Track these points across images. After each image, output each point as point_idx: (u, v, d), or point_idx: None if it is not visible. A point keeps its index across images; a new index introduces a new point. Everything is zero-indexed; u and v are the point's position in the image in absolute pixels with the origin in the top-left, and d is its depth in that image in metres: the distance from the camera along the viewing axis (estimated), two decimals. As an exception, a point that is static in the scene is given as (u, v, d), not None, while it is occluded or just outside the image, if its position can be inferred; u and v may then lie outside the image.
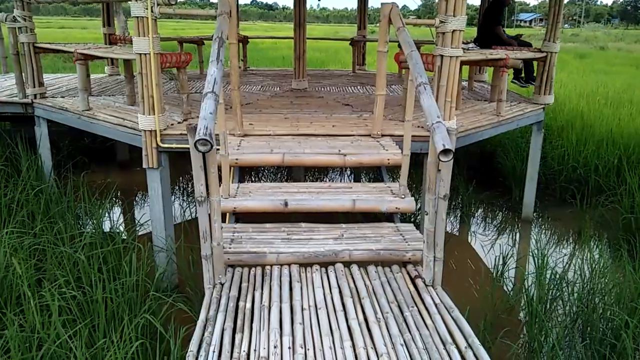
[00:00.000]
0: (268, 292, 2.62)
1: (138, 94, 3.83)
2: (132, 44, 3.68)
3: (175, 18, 8.64)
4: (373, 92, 6.24)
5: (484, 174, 7.17)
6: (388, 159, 3.50)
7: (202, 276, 2.71)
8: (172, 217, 4.18)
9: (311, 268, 2.88)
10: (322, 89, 6.51)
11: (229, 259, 2.87)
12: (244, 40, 8.39)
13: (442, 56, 3.76)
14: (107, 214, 5.35)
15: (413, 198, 3.27)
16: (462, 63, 3.98)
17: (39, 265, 3.49)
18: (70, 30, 32.99)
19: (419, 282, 2.73)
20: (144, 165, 3.98)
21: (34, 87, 5.24)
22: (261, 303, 2.51)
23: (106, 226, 4.72)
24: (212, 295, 2.59)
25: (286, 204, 3.20)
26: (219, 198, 2.59)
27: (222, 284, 2.69)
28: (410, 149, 3.23)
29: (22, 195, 4.39)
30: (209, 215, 2.60)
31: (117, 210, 5.67)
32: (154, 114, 3.82)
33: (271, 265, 2.89)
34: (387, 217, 3.38)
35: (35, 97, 5.30)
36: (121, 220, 5.34)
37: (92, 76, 7.57)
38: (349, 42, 8.68)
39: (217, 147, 3.25)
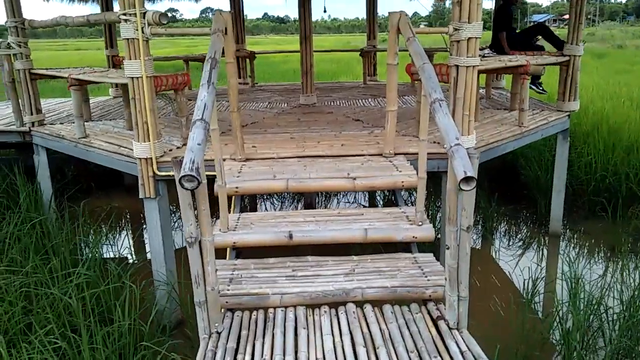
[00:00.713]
0: (270, 341, 2.32)
1: (132, 118, 3.59)
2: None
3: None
4: (385, 106, 5.95)
5: (506, 185, 6.79)
6: (402, 182, 3.18)
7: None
8: (173, 248, 3.92)
9: (319, 310, 2.57)
10: (332, 103, 6.23)
11: (227, 302, 2.57)
12: (250, 56, 8.17)
13: (457, 66, 3.44)
14: (108, 243, 5.11)
15: (431, 225, 2.95)
16: (480, 72, 3.66)
17: (29, 307, 3.24)
18: (86, 51, 33.39)
19: (441, 324, 2.40)
20: (141, 195, 3.73)
21: (32, 114, 5.06)
22: (262, 356, 2.21)
23: (109, 253, 4.48)
24: (207, 347, 2.30)
25: (291, 236, 2.90)
26: (211, 238, 2.30)
27: (219, 333, 2.40)
28: (426, 170, 2.91)
29: (16, 229, 4.17)
30: (202, 258, 2.31)
31: (120, 238, 5.43)
32: (149, 141, 3.57)
33: (274, 308, 2.59)
34: (403, 245, 3.06)
35: (33, 125, 5.12)
36: (124, 247, 5.10)
37: (97, 99, 7.42)
38: (359, 52, 8.41)
39: (210, 174, 2.98)
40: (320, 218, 3.15)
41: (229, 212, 3.21)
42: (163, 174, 3.69)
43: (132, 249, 5.14)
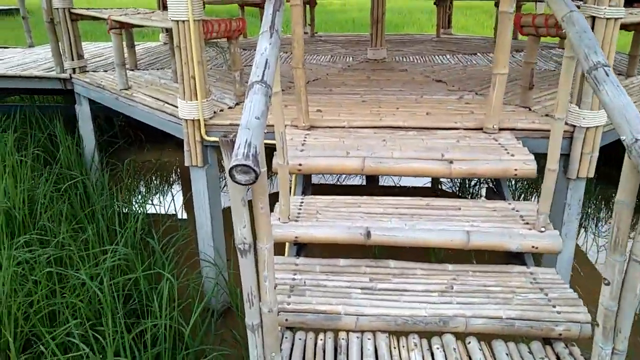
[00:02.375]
0: (344, 384, 1.74)
1: (177, 72, 2.98)
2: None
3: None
4: (468, 64, 5.08)
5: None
6: (515, 170, 2.45)
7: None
8: (222, 223, 3.38)
9: (407, 340, 1.96)
10: (404, 59, 5.42)
11: (286, 320, 2.00)
12: (311, 2, 7.35)
13: (594, 18, 2.60)
14: (152, 203, 4.66)
15: (557, 232, 2.23)
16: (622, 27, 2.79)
17: (55, 288, 2.80)
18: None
19: (579, 380, 1.74)
20: (186, 163, 3.17)
21: (72, 59, 4.55)
22: (334, 410, 1.63)
23: (153, 218, 4.03)
24: (261, 386, 1.74)
25: (368, 235, 2.26)
26: (270, 245, 1.69)
27: (277, 365, 1.83)
28: (557, 160, 2.16)
29: (51, 189, 3.74)
30: (257, 270, 1.72)
31: (166, 200, 4.97)
32: (197, 100, 2.96)
33: (348, 332, 2.00)
34: (513, 252, 2.37)
35: (74, 71, 4.62)
36: (170, 210, 4.63)
37: (146, 45, 6.88)
38: (433, 1, 7.42)
39: (266, 143, 2.36)
40: (404, 210, 2.49)
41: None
42: (212, 139, 3.10)
43: (181, 212, 4.66)
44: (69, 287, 2.77)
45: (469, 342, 1.95)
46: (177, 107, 3.16)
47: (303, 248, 2.48)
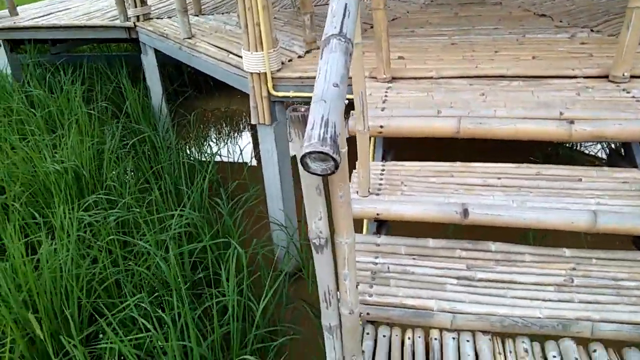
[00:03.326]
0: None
1: (240, 19, 2.64)
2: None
3: None
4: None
5: None
6: (657, 133, 1.94)
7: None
8: (292, 183, 3.11)
9: (514, 343, 1.62)
10: (495, -9, 4.71)
11: (368, 313, 1.71)
12: None
13: None
14: (221, 155, 4.47)
15: None
16: None
17: (121, 252, 2.69)
18: None
19: None
20: (253, 121, 2.89)
21: (135, 6, 4.32)
22: None
23: (222, 172, 3.84)
24: (340, 397, 1.49)
25: (465, 213, 1.89)
26: (352, 239, 1.37)
27: (358, 368, 1.56)
28: None
29: (116, 144, 3.62)
30: (335, 266, 1.42)
31: (236, 151, 4.77)
32: (262, 50, 2.62)
33: (441, 331, 1.68)
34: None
35: (138, 19, 4.41)
36: (239, 163, 4.43)
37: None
38: None
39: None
40: (508, 180, 2.07)
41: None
42: (280, 94, 2.78)
43: (250, 167, 4.45)
44: (134, 254, 2.64)
45: (594, 350, 1.58)
46: (241, 57, 2.85)
47: (383, 224, 2.15)
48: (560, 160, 4.08)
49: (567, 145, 4.37)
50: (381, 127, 2.19)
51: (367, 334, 1.72)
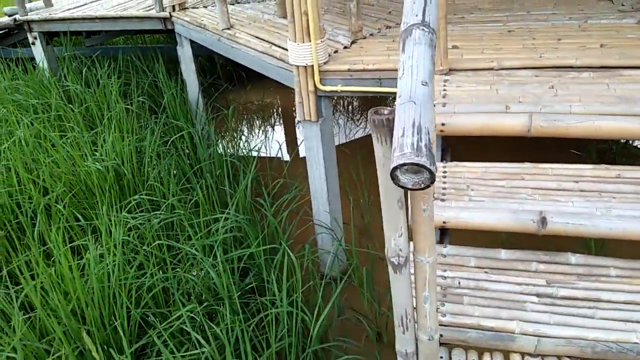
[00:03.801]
0: None
1: (286, 8, 2.49)
2: None
3: None
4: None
5: None
6: None
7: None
8: (338, 185, 2.98)
9: (607, 373, 1.46)
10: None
11: (441, 335, 1.57)
12: None
13: None
14: (261, 152, 4.36)
15: None
16: None
17: (169, 256, 2.61)
18: None
19: None
20: (299, 118, 2.76)
21: (171, -4, 4.21)
22: None
23: (264, 169, 3.73)
24: None
25: (543, 222, 1.72)
26: (434, 258, 1.24)
27: (433, 399, 1.43)
28: None
29: (157, 143, 3.54)
30: (414, 287, 1.29)
31: (271, 146, 4.65)
32: (310, 41, 2.47)
33: (523, 355, 1.54)
34: None
35: (173, 9, 4.30)
36: (280, 159, 4.32)
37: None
38: None
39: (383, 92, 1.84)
40: (586, 184, 1.89)
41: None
42: (328, 88, 2.63)
43: (291, 164, 4.33)
44: (179, 259, 2.56)
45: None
46: (286, 49, 2.71)
47: (445, 232, 2.00)
48: (620, 159, 3.83)
49: (622, 141, 4.11)
50: (443, 125, 2.02)
51: (441, 357, 1.58)
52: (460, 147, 2.69)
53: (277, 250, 2.65)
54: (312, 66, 2.58)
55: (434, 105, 2.15)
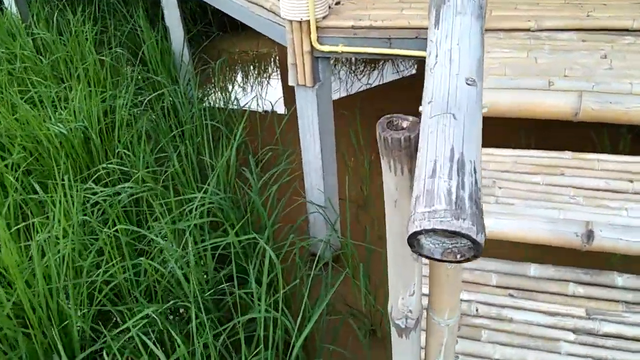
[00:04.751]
0: None
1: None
2: None
3: None
4: None
5: None
6: None
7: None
8: (334, 159, 2.59)
9: None
10: None
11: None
12: None
13: None
14: (250, 107, 3.94)
15: None
16: None
17: (135, 249, 2.26)
18: None
19: None
20: (291, 82, 2.33)
21: None
22: None
23: (249, 120, 3.33)
24: None
25: (589, 237, 1.34)
26: (455, 319, 0.87)
27: None
28: None
29: (130, 101, 3.12)
30: (424, 351, 0.93)
31: (263, 103, 4.21)
32: (305, -10, 2.02)
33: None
34: None
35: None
36: (271, 118, 3.90)
37: None
38: None
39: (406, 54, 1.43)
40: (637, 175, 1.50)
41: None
42: (327, 48, 2.20)
43: (283, 129, 3.92)
44: (148, 244, 2.21)
45: None
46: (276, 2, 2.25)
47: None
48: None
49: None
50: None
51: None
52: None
53: (262, 234, 2.30)
54: (309, 21, 2.14)
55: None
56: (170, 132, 3.00)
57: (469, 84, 0.68)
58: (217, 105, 3.69)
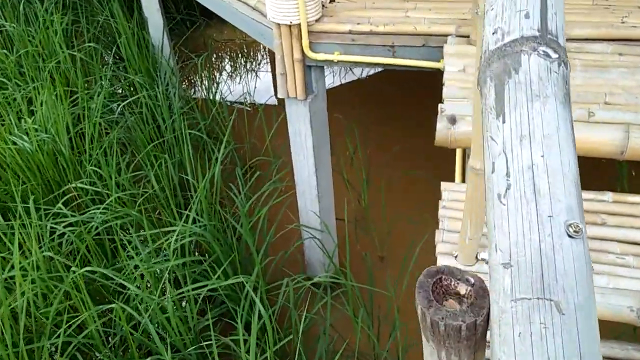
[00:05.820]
0: None
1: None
2: None
3: None
4: None
5: None
6: None
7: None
8: (331, 179, 2.33)
9: None
10: None
11: None
12: None
13: None
14: (236, 104, 3.65)
15: None
16: None
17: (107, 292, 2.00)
18: None
19: None
20: (280, 94, 2.05)
21: None
22: None
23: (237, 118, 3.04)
24: None
25: (648, 314, 1.10)
26: None
27: None
28: None
29: (103, 99, 2.82)
30: None
31: (252, 98, 3.90)
32: (295, -7, 1.73)
33: None
34: None
35: None
36: (259, 117, 3.60)
37: None
38: None
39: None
40: None
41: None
42: (320, 57, 1.91)
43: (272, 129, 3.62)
44: (118, 285, 1.95)
45: None
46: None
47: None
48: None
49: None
50: (491, 139, 1.35)
51: None
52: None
53: (250, 270, 2.05)
54: (299, 25, 1.84)
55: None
56: (148, 143, 2.71)
57: (572, 236, 0.43)
58: (201, 104, 3.39)
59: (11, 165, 2.42)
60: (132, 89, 3.22)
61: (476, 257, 1.20)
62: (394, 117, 3.47)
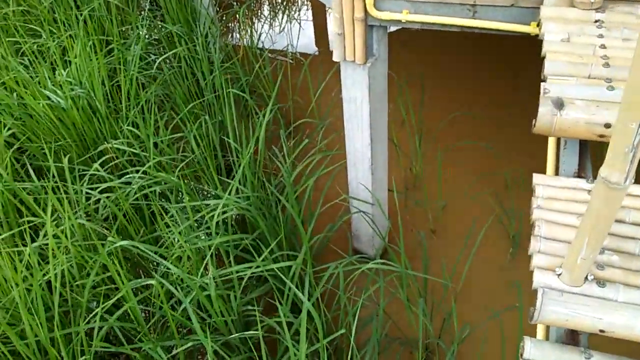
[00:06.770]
0: None
1: None
2: None
3: None
4: None
5: None
6: None
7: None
8: (386, 154, 2.12)
9: None
10: None
11: None
12: None
13: None
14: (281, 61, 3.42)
15: None
16: None
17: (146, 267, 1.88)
18: None
19: None
20: (336, 57, 1.82)
21: None
22: None
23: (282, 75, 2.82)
24: None
25: None
26: None
27: None
28: None
29: (139, 51, 2.64)
30: None
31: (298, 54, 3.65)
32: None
33: None
34: None
35: None
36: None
37: None
38: None
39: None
40: None
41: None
42: (386, 16, 1.66)
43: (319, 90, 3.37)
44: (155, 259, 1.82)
45: None
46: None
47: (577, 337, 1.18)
48: None
49: None
50: (607, 126, 1.11)
51: None
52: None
53: (293, 241, 1.90)
54: (363, -23, 1.59)
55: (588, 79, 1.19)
56: (187, 101, 2.53)
57: None
58: (241, 56, 3.15)
59: (44, 120, 2.29)
60: (169, 39, 3.01)
61: (585, 278, 1.00)
62: (455, 78, 3.18)
